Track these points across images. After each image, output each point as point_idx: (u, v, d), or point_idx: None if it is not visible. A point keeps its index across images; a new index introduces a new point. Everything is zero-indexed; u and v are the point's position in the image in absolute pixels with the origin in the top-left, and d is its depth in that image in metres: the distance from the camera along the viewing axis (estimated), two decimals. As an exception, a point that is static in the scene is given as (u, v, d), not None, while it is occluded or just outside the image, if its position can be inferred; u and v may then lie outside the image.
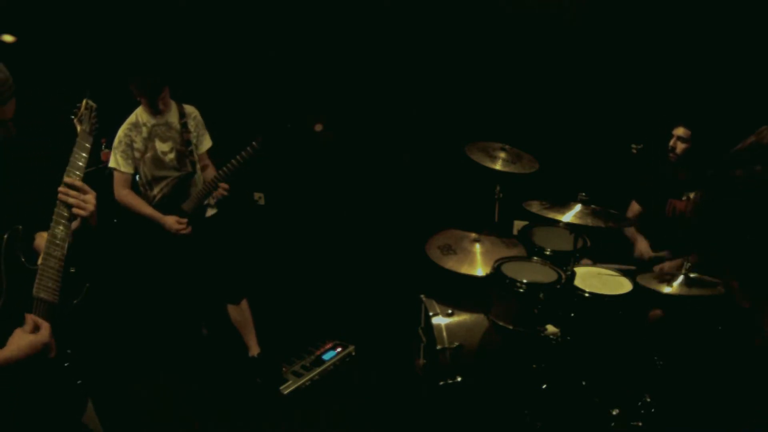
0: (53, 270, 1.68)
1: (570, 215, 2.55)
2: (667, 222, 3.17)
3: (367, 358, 3.60)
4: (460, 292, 2.96)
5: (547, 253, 2.98)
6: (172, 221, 3.09)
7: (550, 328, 2.67)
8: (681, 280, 2.52)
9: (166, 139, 3.13)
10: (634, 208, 3.47)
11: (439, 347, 2.76)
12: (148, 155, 3.11)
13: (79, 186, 1.72)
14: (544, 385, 2.68)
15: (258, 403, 3.19)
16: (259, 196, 4.81)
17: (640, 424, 2.50)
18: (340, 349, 3.60)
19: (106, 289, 2.88)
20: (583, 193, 2.63)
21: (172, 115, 3.16)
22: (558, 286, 2.63)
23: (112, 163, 3.10)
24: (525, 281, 2.61)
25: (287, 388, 3.23)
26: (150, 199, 3.18)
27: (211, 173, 3.23)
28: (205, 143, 3.33)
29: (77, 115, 1.84)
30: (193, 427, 3.03)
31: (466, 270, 2.88)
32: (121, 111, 3.13)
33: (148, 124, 3.10)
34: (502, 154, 3.10)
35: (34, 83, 3.51)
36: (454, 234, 3.15)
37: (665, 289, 2.50)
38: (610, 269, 2.93)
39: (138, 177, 3.18)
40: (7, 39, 3.58)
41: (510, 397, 2.74)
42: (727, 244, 0.85)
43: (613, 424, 2.53)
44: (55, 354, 1.62)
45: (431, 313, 2.88)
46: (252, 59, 4.35)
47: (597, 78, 3.65)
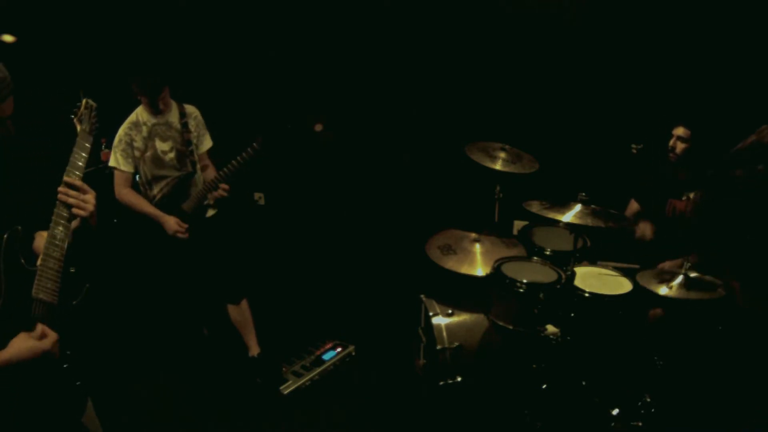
0: (52, 271, 1.68)
1: (570, 215, 2.56)
2: (667, 222, 3.17)
3: (367, 358, 3.60)
4: (460, 292, 2.96)
5: (547, 253, 2.98)
6: (172, 222, 3.09)
7: (550, 328, 2.68)
8: (681, 280, 2.52)
9: (166, 138, 3.13)
10: (633, 206, 3.48)
11: (439, 347, 2.76)
12: (148, 154, 3.11)
13: (79, 186, 1.71)
14: (544, 385, 2.68)
15: (258, 403, 3.19)
16: (259, 196, 4.81)
17: (640, 424, 2.51)
18: (340, 349, 3.60)
19: (106, 290, 2.88)
20: (583, 193, 2.64)
21: (172, 114, 3.16)
22: (558, 286, 2.63)
23: (112, 162, 3.10)
24: (525, 281, 2.61)
25: (287, 388, 3.23)
26: (150, 199, 3.17)
27: (212, 173, 3.23)
28: (206, 143, 3.33)
29: (77, 115, 1.84)
30: (193, 427, 3.03)
31: (466, 270, 2.88)
32: (122, 111, 3.13)
33: (149, 123, 3.10)
34: (502, 154, 3.10)
35: (34, 83, 3.51)
36: (454, 234, 3.15)
37: (664, 291, 2.49)
38: (611, 268, 2.93)
39: (138, 176, 3.18)
40: (7, 39, 3.58)
41: (510, 397, 2.74)
42: (727, 244, 0.85)
43: (613, 424, 2.53)
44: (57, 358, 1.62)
45: (431, 313, 2.88)
46: (252, 59, 4.35)
47: (597, 78, 3.65)
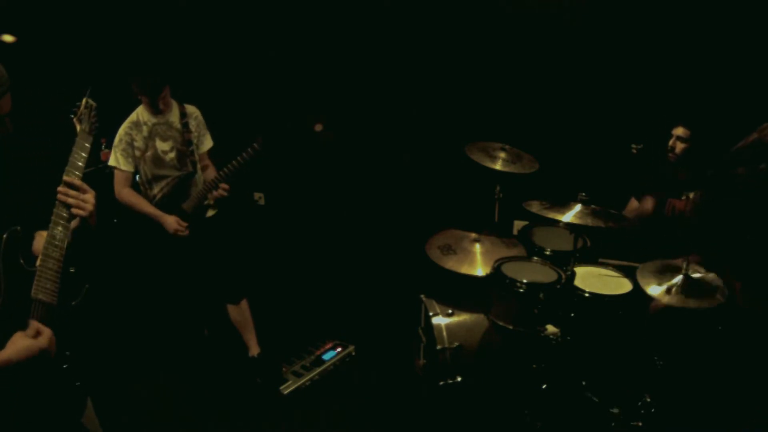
0: (52, 271, 1.67)
1: (570, 215, 2.56)
2: (667, 222, 3.17)
3: (367, 358, 3.60)
4: (460, 292, 2.96)
5: (547, 253, 2.98)
6: (172, 221, 3.09)
7: (550, 328, 2.68)
8: (681, 281, 2.50)
9: (166, 138, 3.13)
10: (633, 205, 3.47)
11: (439, 347, 2.76)
12: (148, 154, 3.11)
13: (78, 185, 1.71)
14: (544, 385, 2.68)
15: (258, 403, 3.19)
16: (259, 196, 4.81)
17: (640, 424, 2.51)
18: (340, 349, 3.59)
19: (105, 290, 2.88)
20: (583, 193, 2.64)
21: (172, 114, 3.16)
22: (558, 286, 2.63)
23: (112, 162, 3.10)
24: (525, 281, 2.61)
25: (287, 388, 3.23)
26: (150, 199, 3.17)
27: (212, 173, 3.23)
28: (206, 143, 3.32)
29: (77, 115, 1.83)
30: (193, 427, 3.03)
31: (466, 270, 2.88)
32: (122, 110, 3.13)
33: (149, 123, 3.10)
34: (502, 154, 3.10)
35: (34, 83, 3.51)
36: (454, 234, 3.15)
37: (665, 299, 2.47)
38: (612, 267, 2.92)
39: (138, 176, 3.18)
40: (7, 39, 3.58)
41: (510, 397, 2.74)
42: (727, 244, 0.85)
43: (613, 424, 2.53)
44: (54, 356, 1.62)
45: (431, 313, 2.88)
46: (252, 59, 4.35)
47: (597, 78, 3.65)
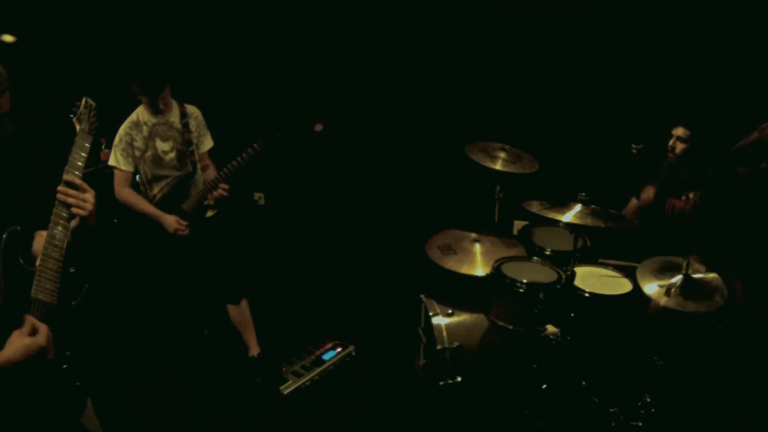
0: (51, 271, 1.67)
1: (570, 215, 2.55)
2: (667, 221, 3.17)
3: (367, 358, 3.60)
4: (460, 292, 2.96)
5: (547, 253, 2.98)
6: (172, 220, 3.09)
7: (550, 328, 2.67)
8: (681, 281, 2.50)
9: (166, 138, 3.13)
10: (633, 204, 3.47)
11: (439, 347, 2.76)
12: (148, 154, 3.11)
13: (78, 184, 1.70)
14: (544, 385, 2.67)
15: (258, 403, 3.19)
16: (259, 196, 4.81)
17: (640, 424, 2.50)
18: (340, 349, 3.59)
19: (105, 290, 2.88)
20: (583, 193, 2.64)
21: (173, 114, 3.16)
22: (558, 286, 2.63)
23: (112, 161, 3.10)
24: (525, 281, 2.61)
25: (287, 388, 3.23)
26: (150, 199, 3.17)
27: (212, 173, 3.23)
28: (206, 143, 3.32)
29: (76, 114, 1.83)
30: (193, 427, 3.02)
31: (466, 270, 2.88)
32: (122, 110, 3.13)
33: (149, 123, 3.10)
34: (502, 154, 3.10)
35: (34, 82, 3.51)
36: (454, 234, 3.15)
37: (662, 300, 2.47)
38: (612, 267, 2.92)
39: (138, 176, 3.18)
40: (7, 39, 3.58)
41: (510, 397, 2.74)
42: (728, 244, 0.85)
43: (613, 424, 2.53)
44: (54, 355, 1.62)
45: (431, 313, 2.88)
46: (252, 59, 4.35)
47: (597, 78, 3.65)
